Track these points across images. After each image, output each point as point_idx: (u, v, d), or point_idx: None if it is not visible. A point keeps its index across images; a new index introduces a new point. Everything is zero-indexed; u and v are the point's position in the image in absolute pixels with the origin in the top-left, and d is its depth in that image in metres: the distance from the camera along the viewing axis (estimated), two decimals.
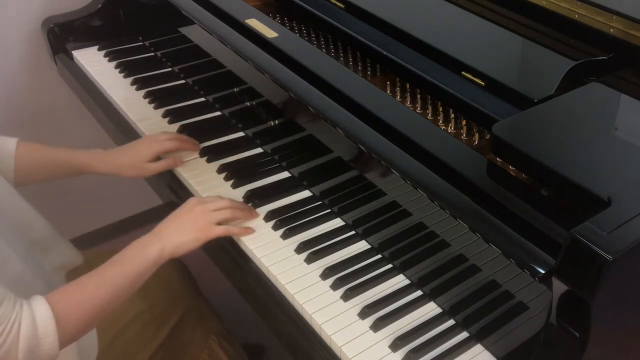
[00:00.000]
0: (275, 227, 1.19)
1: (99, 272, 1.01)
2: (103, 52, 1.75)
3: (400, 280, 1.10)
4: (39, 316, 0.90)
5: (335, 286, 1.08)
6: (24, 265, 1.04)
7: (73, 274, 1.20)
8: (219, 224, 1.14)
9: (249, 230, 1.17)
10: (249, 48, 1.29)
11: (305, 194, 1.28)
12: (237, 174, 1.32)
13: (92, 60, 1.73)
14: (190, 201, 1.15)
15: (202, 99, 1.59)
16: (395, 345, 0.99)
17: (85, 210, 2.05)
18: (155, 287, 1.35)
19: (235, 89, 1.46)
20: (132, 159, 1.30)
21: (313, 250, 1.14)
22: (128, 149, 1.33)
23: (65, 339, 0.94)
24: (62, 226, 1.28)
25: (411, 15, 1.30)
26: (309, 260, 1.13)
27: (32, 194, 1.24)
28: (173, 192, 1.37)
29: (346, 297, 1.06)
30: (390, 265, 1.12)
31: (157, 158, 1.34)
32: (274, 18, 1.48)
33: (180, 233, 1.09)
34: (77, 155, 1.29)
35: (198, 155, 1.39)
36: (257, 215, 1.21)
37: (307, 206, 1.25)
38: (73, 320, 0.95)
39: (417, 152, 1.01)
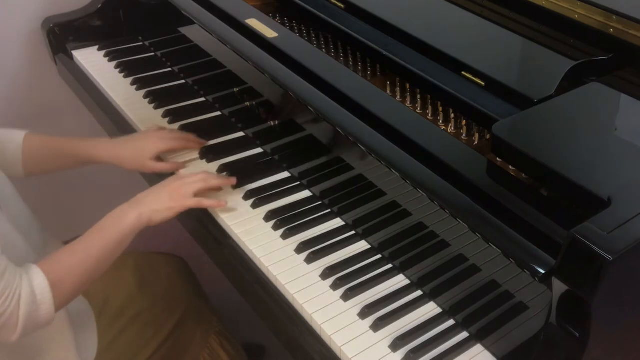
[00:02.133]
0: (275, 227, 1.19)
1: (84, 240, 1.07)
2: (103, 52, 1.75)
3: (400, 280, 1.10)
4: (36, 284, 0.97)
5: (335, 286, 1.08)
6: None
7: None
8: (196, 196, 1.19)
9: (222, 203, 1.22)
10: (249, 48, 1.29)
11: (305, 194, 1.28)
12: (237, 174, 1.31)
13: (92, 60, 1.73)
14: (169, 178, 1.23)
15: (202, 99, 1.59)
16: (395, 345, 0.99)
17: (85, 211, 2.05)
18: (156, 286, 1.36)
19: (235, 89, 1.46)
20: (136, 153, 1.32)
21: (313, 250, 1.14)
22: (134, 141, 1.35)
23: (59, 302, 1.01)
24: (62, 227, 1.28)
25: (411, 15, 1.30)
26: (309, 260, 1.13)
27: (32, 194, 1.24)
28: None
29: (346, 297, 1.06)
30: (390, 265, 1.12)
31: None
32: (274, 18, 1.48)
33: (157, 202, 1.15)
34: (82, 145, 1.32)
35: (198, 156, 1.39)
36: (234, 181, 1.27)
37: (307, 206, 1.25)
38: (65, 285, 1.01)
39: (417, 152, 1.01)
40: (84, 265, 1.04)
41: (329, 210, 1.23)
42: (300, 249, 1.15)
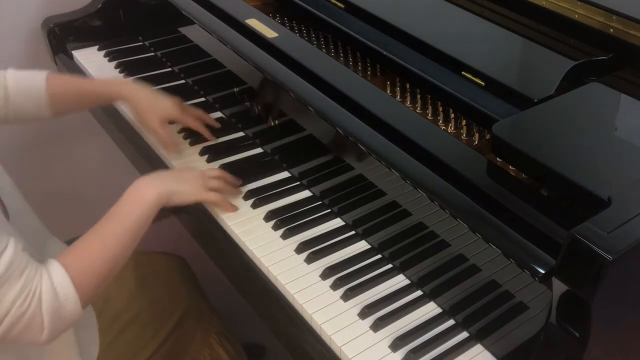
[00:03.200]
0: (275, 227, 1.19)
1: (101, 227, 1.04)
2: (103, 52, 1.75)
3: (400, 280, 1.10)
4: (57, 281, 0.94)
5: (335, 286, 1.08)
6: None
7: None
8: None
9: (234, 208, 1.22)
10: (249, 48, 1.29)
11: (305, 194, 1.28)
12: (237, 174, 1.31)
13: (92, 60, 1.73)
14: (189, 167, 1.24)
15: (202, 99, 1.59)
16: (395, 345, 0.99)
17: (85, 210, 2.05)
18: (156, 286, 1.36)
19: (235, 89, 1.46)
20: (151, 104, 1.34)
21: (313, 250, 1.14)
22: (156, 94, 1.36)
23: (85, 297, 0.98)
24: (61, 227, 1.28)
25: (411, 15, 1.30)
26: (309, 260, 1.13)
27: (32, 194, 1.24)
28: None
29: (346, 297, 1.06)
30: (390, 265, 1.12)
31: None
32: (274, 18, 1.48)
33: (178, 183, 1.15)
34: (105, 85, 1.36)
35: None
36: (240, 192, 1.26)
37: (307, 206, 1.25)
38: (87, 278, 0.98)
39: (417, 152, 1.01)
40: (104, 254, 1.01)
41: (329, 210, 1.23)
42: (300, 249, 1.15)
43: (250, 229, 1.19)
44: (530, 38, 1.19)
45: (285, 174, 1.33)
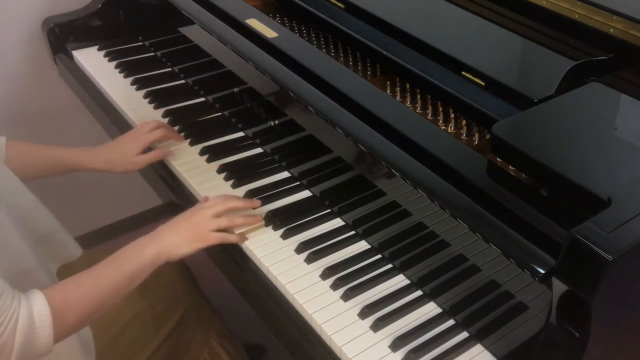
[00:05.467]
0: (275, 227, 1.19)
1: (97, 270, 1.02)
2: (103, 52, 1.75)
3: (400, 280, 1.10)
4: (36, 310, 0.91)
5: (335, 286, 1.08)
6: (33, 256, 1.05)
7: (66, 269, 1.20)
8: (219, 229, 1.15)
9: (243, 238, 1.18)
10: (249, 48, 1.29)
11: (305, 194, 1.28)
12: (237, 174, 1.32)
13: (92, 60, 1.73)
14: (194, 207, 1.17)
15: (202, 99, 1.59)
16: (395, 345, 0.99)
17: (85, 211, 2.05)
18: (155, 286, 1.35)
19: (235, 89, 1.46)
20: (121, 155, 1.33)
21: (313, 250, 1.14)
22: (116, 144, 1.36)
23: (60, 333, 0.95)
24: (64, 226, 1.27)
25: (411, 15, 1.30)
26: (309, 260, 1.13)
27: (34, 193, 1.24)
28: (173, 192, 1.37)
29: (346, 297, 1.06)
30: (390, 265, 1.12)
31: (148, 149, 1.36)
32: (274, 18, 1.48)
33: (178, 237, 1.11)
34: (66, 154, 1.30)
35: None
36: (260, 220, 1.21)
37: (307, 206, 1.25)
38: (69, 315, 0.96)
39: (417, 152, 1.01)
40: (92, 295, 0.99)
41: (329, 210, 1.23)
42: (300, 249, 1.15)
43: (250, 229, 1.19)
44: (530, 38, 1.19)
45: (285, 174, 1.33)
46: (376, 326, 1.02)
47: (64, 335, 0.97)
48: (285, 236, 1.18)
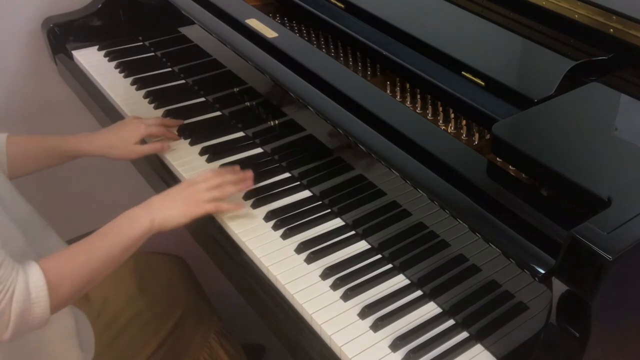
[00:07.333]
0: (275, 227, 1.19)
1: (91, 241, 1.04)
2: (103, 52, 1.75)
3: (400, 280, 1.10)
4: (32, 281, 0.93)
5: (335, 286, 1.08)
6: (23, 239, 1.06)
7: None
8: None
9: (238, 206, 1.20)
10: (249, 48, 1.29)
11: (305, 194, 1.28)
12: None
13: (92, 60, 1.73)
14: (184, 182, 1.20)
15: (202, 99, 1.59)
16: (395, 345, 0.99)
17: (85, 211, 2.05)
18: (155, 286, 1.36)
19: (235, 89, 1.46)
20: (120, 140, 1.33)
21: (313, 250, 1.14)
22: (116, 129, 1.36)
23: (56, 304, 0.97)
24: (59, 227, 1.27)
25: (411, 15, 1.30)
26: (309, 260, 1.13)
27: (30, 194, 1.24)
28: None
29: (346, 297, 1.06)
30: (390, 265, 1.12)
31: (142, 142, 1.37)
32: (274, 18, 1.48)
33: (171, 207, 1.12)
34: (66, 141, 1.31)
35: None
36: (251, 184, 1.23)
37: (307, 206, 1.25)
38: (64, 286, 0.97)
39: (417, 152, 1.01)
40: (86, 267, 1.00)
41: (329, 210, 1.23)
42: (300, 249, 1.15)
43: (250, 229, 1.19)
44: (530, 38, 1.19)
45: (285, 174, 1.33)
46: (376, 326, 1.02)
47: (59, 307, 0.99)
48: (285, 236, 1.18)
